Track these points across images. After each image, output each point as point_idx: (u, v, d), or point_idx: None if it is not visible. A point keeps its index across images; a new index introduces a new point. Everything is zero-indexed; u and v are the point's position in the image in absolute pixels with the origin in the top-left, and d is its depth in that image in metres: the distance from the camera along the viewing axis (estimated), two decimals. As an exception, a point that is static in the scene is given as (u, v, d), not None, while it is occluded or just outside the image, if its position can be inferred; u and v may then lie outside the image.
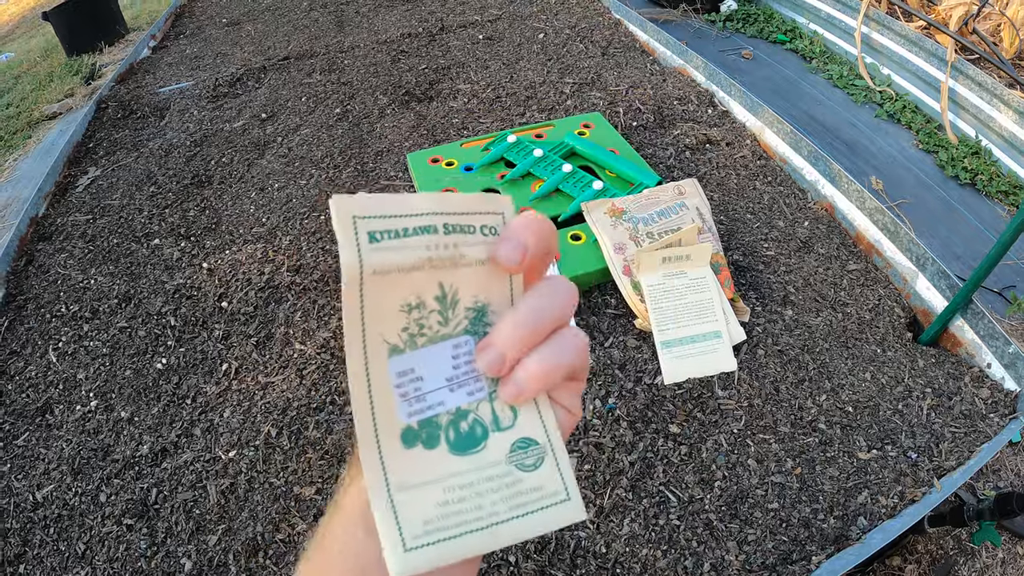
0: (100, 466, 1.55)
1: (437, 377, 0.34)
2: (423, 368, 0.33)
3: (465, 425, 0.34)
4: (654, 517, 1.27)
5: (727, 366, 1.49)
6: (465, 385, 0.34)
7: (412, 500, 0.32)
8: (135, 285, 1.98)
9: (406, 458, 0.33)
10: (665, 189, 1.75)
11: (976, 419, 1.48)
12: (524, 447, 0.34)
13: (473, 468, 0.33)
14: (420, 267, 0.32)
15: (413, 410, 0.33)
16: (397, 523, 0.32)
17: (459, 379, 0.34)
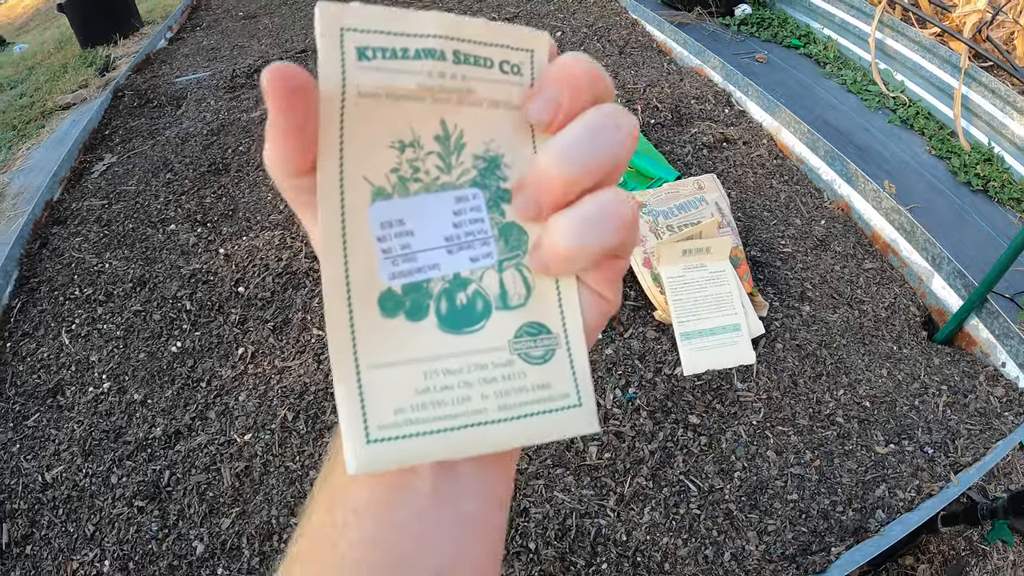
0: (112, 448, 1.55)
1: (432, 234, 0.27)
2: (414, 220, 0.27)
3: (463, 297, 0.27)
4: (674, 506, 1.26)
5: (746, 359, 1.49)
6: (468, 248, 0.27)
7: (384, 381, 0.26)
8: (150, 269, 1.99)
9: (383, 329, 0.26)
10: (685, 184, 1.75)
11: (991, 417, 1.48)
12: (533, 334, 0.28)
13: (466, 351, 0.27)
14: (418, 96, 0.26)
15: (398, 271, 0.26)
16: (362, 408, 0.26)
17: (461, 239, 0.27)
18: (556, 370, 0.27)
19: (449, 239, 0.27)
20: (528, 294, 0.28)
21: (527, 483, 1.29)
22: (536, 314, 0.28)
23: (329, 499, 0.28)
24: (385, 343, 0.26)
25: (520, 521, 1.24)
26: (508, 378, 0.27)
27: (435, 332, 0.27)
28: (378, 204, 0.26)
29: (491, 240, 0.27)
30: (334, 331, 0.25)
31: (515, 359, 0.27)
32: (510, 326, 0.27)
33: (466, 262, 0.27)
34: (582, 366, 0.28)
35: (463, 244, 0.27)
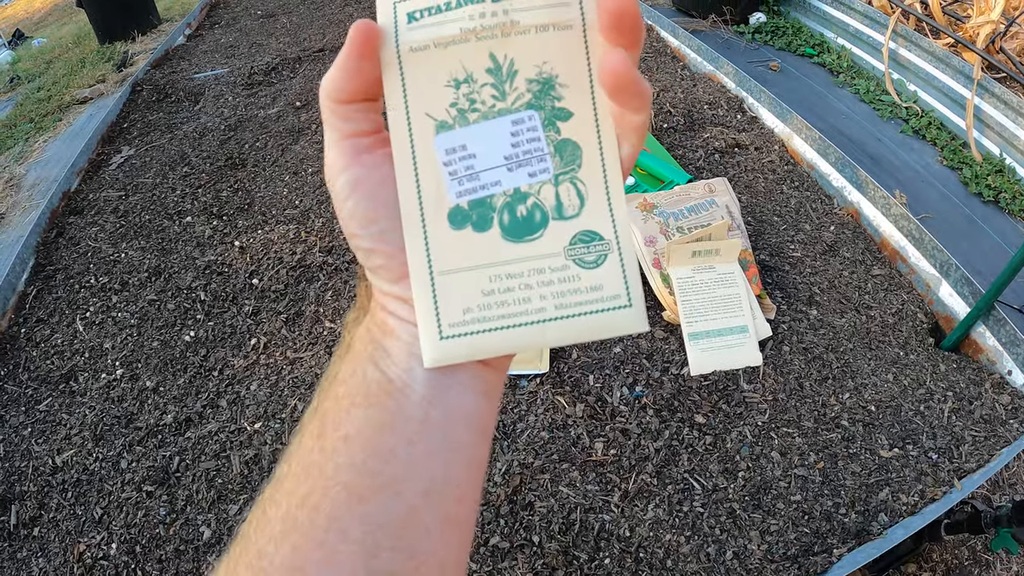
0: (123, 433, 1.57)
1: (493, 155, 0.30)
2: (476, 145, 0.30)
3: (523, 209, 0.30)
4: (678, 503, 1.27)
5: (753, 360, 1.50)
6: (527, 164, 0.30)
7: (454, 285, 0.30)
8: (166, 260, 2.02)
9: (453, 240, 0.30)
10: (696, 187, 1.77)
11: (996, 424, 1.48)
12: (587, 241, 0.30)
13: (526, 257, 0.30)
14: (463, 39, 0.29)
15: (463, 189, 0.30)
16: (436, 308, 0.29)
17: (519, 158, 0.30)
18: (608, 273, 0.30)
19: (508, 158, 0.30)
20: (582, 205, 0.31)
21: (532, 477, 1.30)
22: (589, 223, 0.31)
23: (319, 425, 0.30)
24: (455, 252, 0.30)
25: (524, 515, 1.25)
26: (564, 280, 0.30)
27: (499, 241, 0.30)
28: (441, 135, 0.30)
29: (547, 156, 0.30)
30: (411, 244, 0.30)
31: (570, 264, 0.30)
32: (565, 234, 0.30)
33: (524, 177, 0.30)
34: (632, 270, 0.31)
35: (521, 162, 0.30)
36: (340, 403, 0.30)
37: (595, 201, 0.31)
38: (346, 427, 0.29)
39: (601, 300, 0.30)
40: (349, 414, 0.29)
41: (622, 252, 0.30)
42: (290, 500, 0.29)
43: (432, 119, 0.30)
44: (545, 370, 1.48)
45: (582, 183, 0.31)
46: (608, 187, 0.30)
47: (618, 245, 0.30)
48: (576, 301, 0.30)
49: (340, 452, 0.28)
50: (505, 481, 1.30)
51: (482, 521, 1.26)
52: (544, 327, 0.30)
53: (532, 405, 1.41)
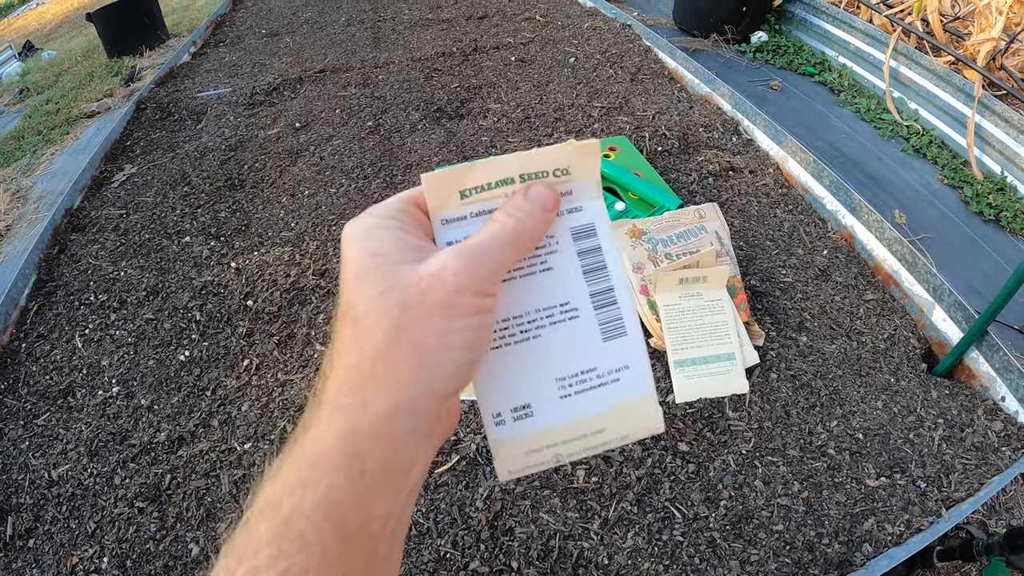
0: (117, 450, 1.59)
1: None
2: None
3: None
4: (658, 532, 1.27)
5: (739, 388, 1.50)
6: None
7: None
8: (164, 279, 2.04)
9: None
10: (686, 212, 1.78)
11: (988, 452, 1.47)
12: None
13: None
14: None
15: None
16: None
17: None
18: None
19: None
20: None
21: (513, 503, 1.31)
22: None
23: (282, 525, 0.31)
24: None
25: (505, 540, 1.26)
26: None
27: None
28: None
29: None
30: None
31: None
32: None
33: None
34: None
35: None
36: (306, 520, 0.31)
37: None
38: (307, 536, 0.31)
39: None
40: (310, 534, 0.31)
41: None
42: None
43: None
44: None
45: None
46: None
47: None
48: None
49: (302, 553, 0.31)
50: (486, 507, 1.30)
51: (463, 546, 1.26)
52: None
53: (515, 431, 1.42)
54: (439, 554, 1.25)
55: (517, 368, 0.40)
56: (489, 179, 0.38)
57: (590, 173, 0.40)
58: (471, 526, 1.28)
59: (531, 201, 0.38)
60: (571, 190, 0.40)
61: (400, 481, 0.32)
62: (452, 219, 0.38)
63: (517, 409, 0.40)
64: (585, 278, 0.41)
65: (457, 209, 0.38)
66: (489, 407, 0.40)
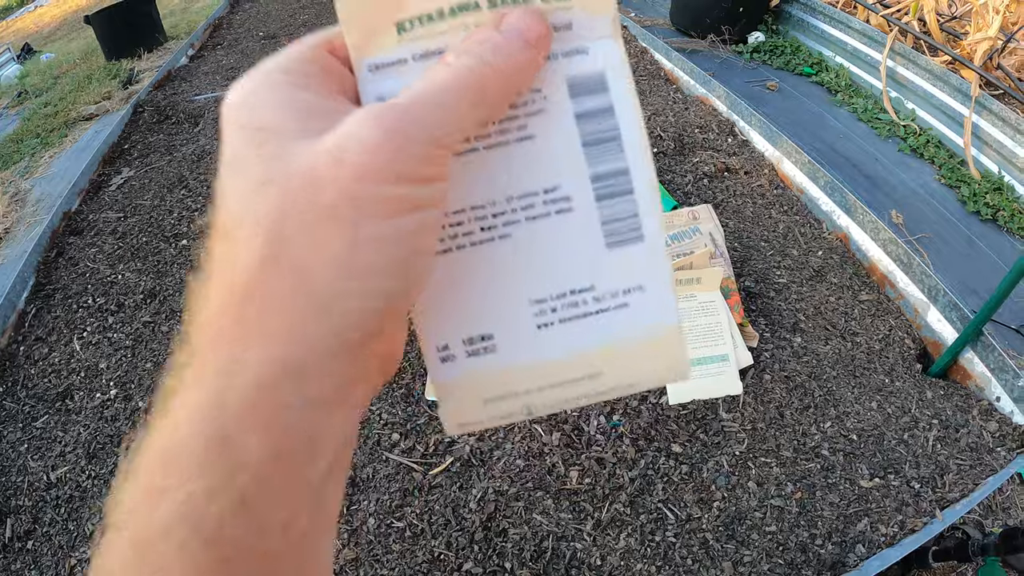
0: (115, 452, 1.60)
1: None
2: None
3: None
4: (651, 533, 1.28)
5: (733, 389, 1.50)
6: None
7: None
8: (161, 282, 2.05)
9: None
10: (679, 214, 1.78)
11: (983, 452, 1.47)
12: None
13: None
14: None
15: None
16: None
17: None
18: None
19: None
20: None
21: (507, 504, 1.31)
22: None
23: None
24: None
25: (498, 541, 1.26)
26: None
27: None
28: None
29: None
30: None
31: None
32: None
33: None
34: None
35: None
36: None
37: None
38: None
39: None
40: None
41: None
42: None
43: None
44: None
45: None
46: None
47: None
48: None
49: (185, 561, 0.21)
50: (480, 508, 1.31)
51: (456, 547, 1.27)
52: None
53: (509, 433, 1.43)
54: (433, 555, 1.26)
55: (475, 282, 0.28)
56: (441, 3, 0.25)
57: (602, 2, 0.27)
58: (465, 527, 1.29)
59: (505, 33, 0.25)
60: (570, 22, 0.27)
61: (299, 472, 0.22)
62: (385, 64, 0.26)
63: (474, 340, 0.29)
64: (585, 153, 0.28)
65: (393, 49, 0.26)
66: (433, 337, 0.28)
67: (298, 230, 0.21)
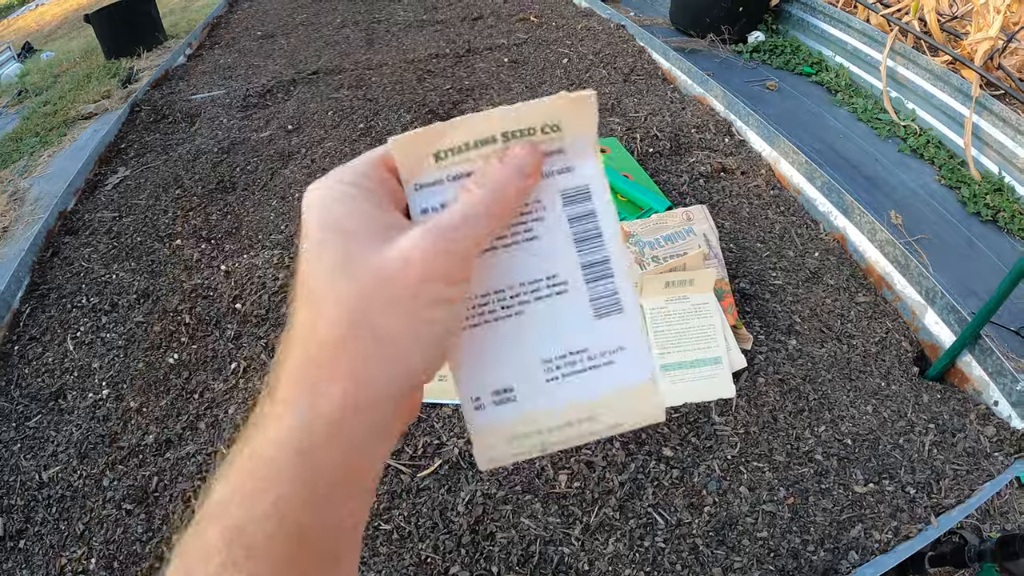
0: (106, 452, 1.60)
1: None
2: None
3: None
4: (640, 538, 1.27)
5: (726, 392, 1.49)
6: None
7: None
8: (154, 282, 2.05)
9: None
10: (674, 214, 1.77)
11: (980, 457, 1.46)
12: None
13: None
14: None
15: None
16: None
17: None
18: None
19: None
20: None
21: (495, 508, 1.30)
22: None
23: (230, 533, 0.29)
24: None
25: (485, 545, 1.25)
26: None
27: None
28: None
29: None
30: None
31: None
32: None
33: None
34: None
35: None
36: (260, 530, 0.30)
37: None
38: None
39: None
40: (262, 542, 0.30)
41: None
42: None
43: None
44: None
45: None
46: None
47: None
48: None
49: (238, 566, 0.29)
50: (468, 511, 1.30)
51: (444, 550, 1.26)
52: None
53: (499, 436, 1.42)
54: (420, 558, 1.25)
55: (499, 348, 0.37)
56: (467, 139, 0.34)
57: (585, 129, 0.36)
58: (452, 530, 1.28)
59: (507, 165, 0.34)
60: (562, 148, 0.36)
61: (358, 487, 0.31)
62: (426, 184, 0.35)
63: (499, 392, 0.37)
64: (576, 247, 0.37)
65: (432, 173, 0.35)
66: (468, 390, 0.37)
67: (377, 310, 0.30)
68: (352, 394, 0.29)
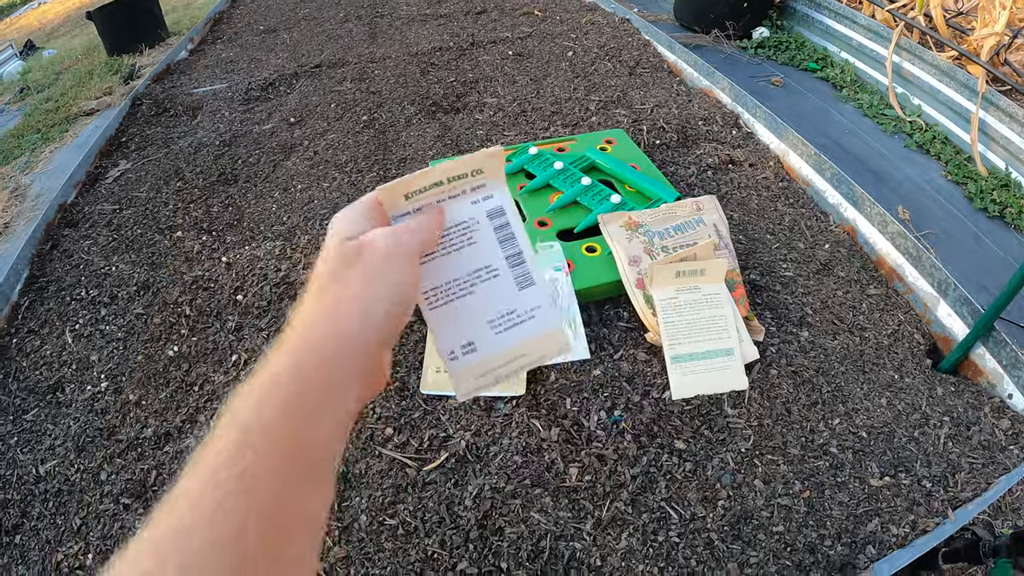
0: (104, 445, 1.57)
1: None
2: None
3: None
4: (653, 533, 1.23)
5: (738, 384, 1.46)
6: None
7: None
8: (155, 274, 2.02)
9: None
10: (683, 204, 1.74)
11: (995, 450, 1.43)
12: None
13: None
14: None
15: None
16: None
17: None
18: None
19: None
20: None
21: (504, 502, 1.27)
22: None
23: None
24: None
25: (494, 540, 1.22)
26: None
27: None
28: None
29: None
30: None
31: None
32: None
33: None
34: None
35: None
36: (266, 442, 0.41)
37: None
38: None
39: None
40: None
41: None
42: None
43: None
44: (521, 392, 1.44)
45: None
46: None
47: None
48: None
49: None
50: (475, 505, 1.26)
51: (451, 546, 1.22)
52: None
53: (507, 428, 1.38)
54: (426, 554, 1.22)
55: (461, 317, 0.54)
56: (425, 183, 0.53)
57: (497, 171, 0.56)
58: (460, 525, 1.24)
59: (429, 214, 0.53)
60: (484, 183, 0.56)
61: (335, 416, 0.42)
62: (400, 214, 0.53)
63: (465, 346, 0.55)
64: (500, 246, 0.56)
65: (404, 206, 0.53)
66: (445, 347, 0.54)
67: (360, 277, 0.46)
68: (329, 334, 0.43)
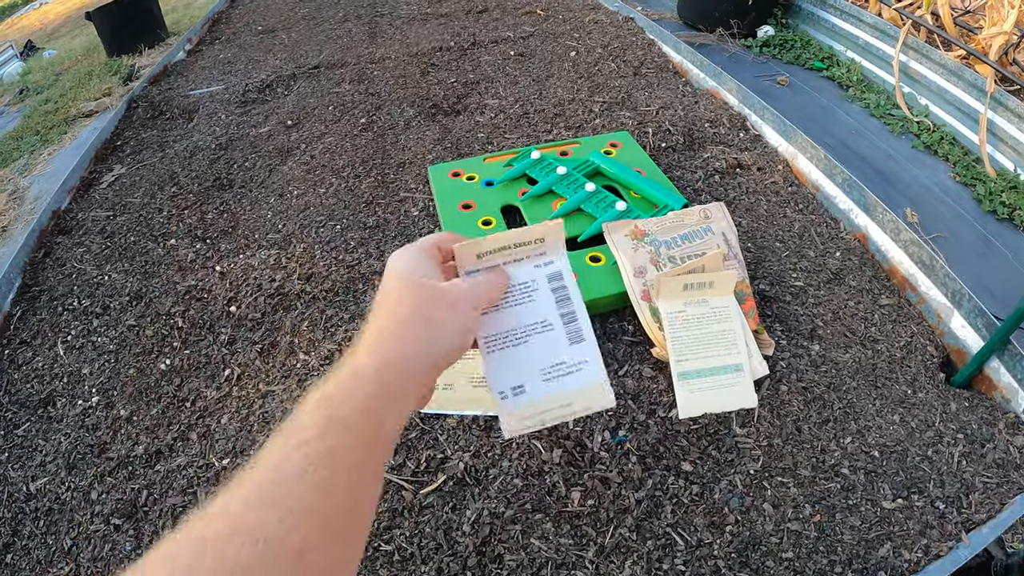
0: (95, 463, 1.53)
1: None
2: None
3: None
4: (658, 560, 1.19)
5: (747, 402, 1.41)
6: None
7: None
8: (148, 284, 1.97)
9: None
10: (691, 212, 1.69)
11: (1010, 469, 1.38)
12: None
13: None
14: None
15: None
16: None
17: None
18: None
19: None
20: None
21: (503, 528, 1.22)
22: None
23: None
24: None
25: (493, 567, 1.17)
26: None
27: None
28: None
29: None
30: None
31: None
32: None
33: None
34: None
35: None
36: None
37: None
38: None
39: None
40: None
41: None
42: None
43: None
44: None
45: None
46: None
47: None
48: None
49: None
50: (474, 531, 1.22)
51: (448, 573, 1.18)
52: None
53: (507, 450, 1.33)
54: (424, 582, 1.17)
55: (515, 362, 0.63)
56: (495, 247, 0.64)
57: (557, 241, 0.69)
58: (457, 552, 1.20)
59: (498, 275, 0.66)
60: (545, 251, 0.67)
61: (404, 408, 0.53)
62: (472, 271, 0.64)
63: (516, 388, 0.62)
64: (556, 305, 0.66)
65: (475, 265, 0.64)
66: (497, 387, 0.62)
67: (429, 309, 0.56)
68: (404, 352, 0.52)
